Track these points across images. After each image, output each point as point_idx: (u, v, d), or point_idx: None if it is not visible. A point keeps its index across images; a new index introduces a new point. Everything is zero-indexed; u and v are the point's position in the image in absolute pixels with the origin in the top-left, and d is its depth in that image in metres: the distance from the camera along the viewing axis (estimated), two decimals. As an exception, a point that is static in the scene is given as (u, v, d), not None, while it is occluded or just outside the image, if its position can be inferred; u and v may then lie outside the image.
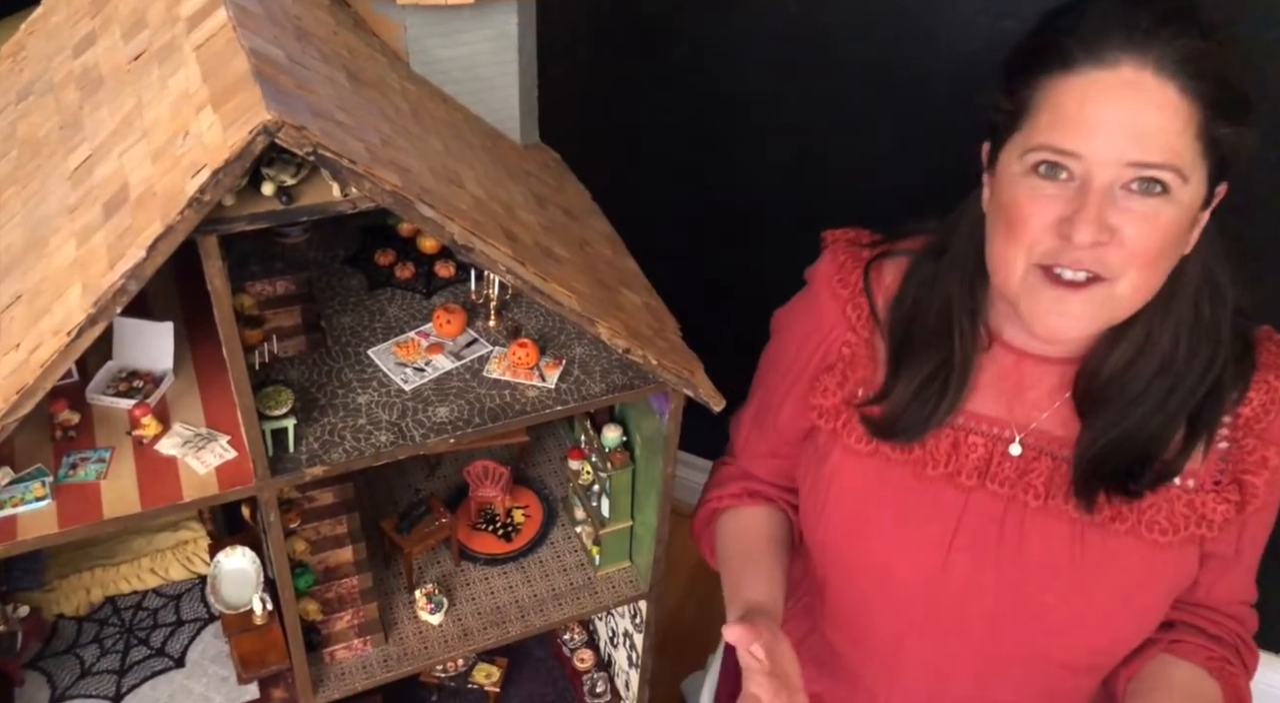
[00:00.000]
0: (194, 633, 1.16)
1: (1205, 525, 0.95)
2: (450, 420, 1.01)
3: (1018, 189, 0.87)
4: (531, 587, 1.26)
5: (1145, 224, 0.83)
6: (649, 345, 1.01)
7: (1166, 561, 0.97)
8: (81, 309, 0.75)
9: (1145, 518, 0.95)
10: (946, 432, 1.00)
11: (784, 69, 1.50)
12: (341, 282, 1.17)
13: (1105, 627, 0.99)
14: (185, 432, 0.97)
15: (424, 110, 1.03)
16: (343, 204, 0.80)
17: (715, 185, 1.66)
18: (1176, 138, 0.82)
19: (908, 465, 1.01)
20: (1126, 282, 0.86)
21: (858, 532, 1.04)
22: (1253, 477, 0.94)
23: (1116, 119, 0.81)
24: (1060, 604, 0.98)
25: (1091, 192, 0.83)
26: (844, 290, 1.05)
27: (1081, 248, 0.84)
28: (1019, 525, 0.98)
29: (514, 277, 0.90)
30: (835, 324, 1.06)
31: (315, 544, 1.16)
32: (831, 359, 1.06)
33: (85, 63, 0.95)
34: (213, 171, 0.72)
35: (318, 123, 0.76)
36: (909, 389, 0.99)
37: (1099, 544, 0.96)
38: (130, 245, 0.75)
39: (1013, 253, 0.88)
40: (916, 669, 1.08)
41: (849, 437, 1.03)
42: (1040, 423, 0.99)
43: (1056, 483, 0.97)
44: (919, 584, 1.02)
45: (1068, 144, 0.83)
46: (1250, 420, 0.94)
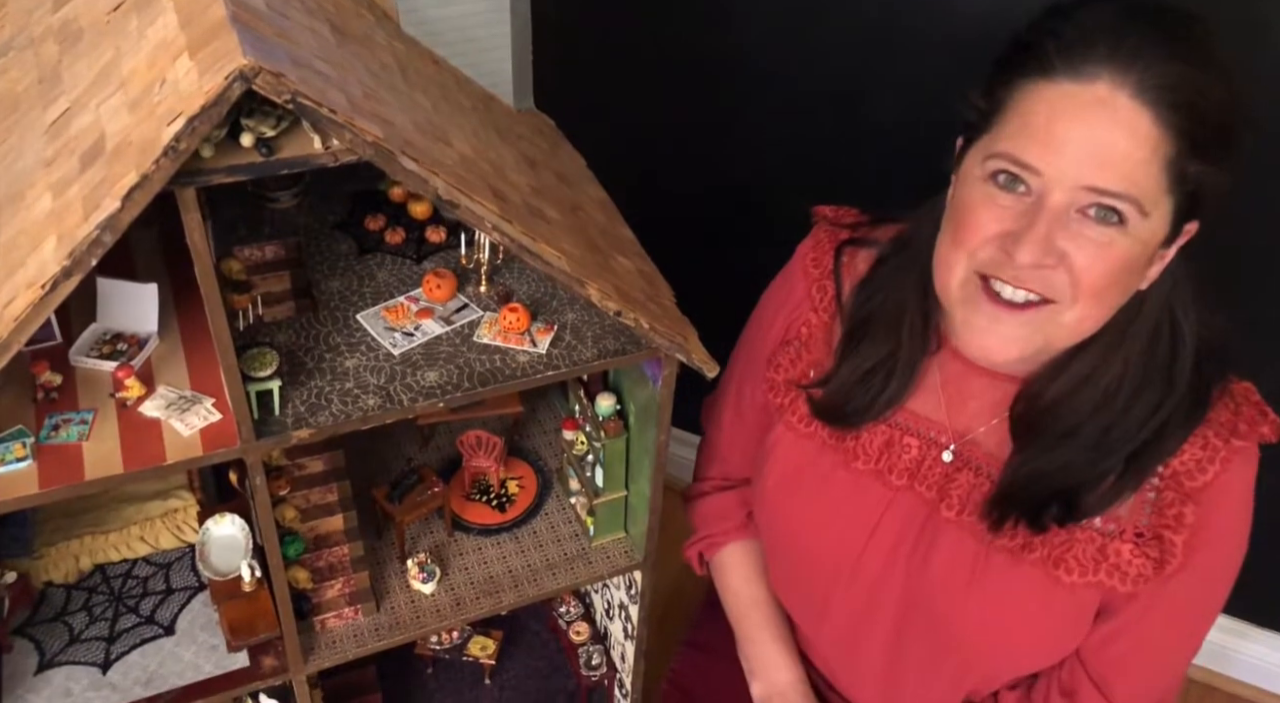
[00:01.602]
0: (184, 601, 1.16)
1: (1117, 576, 0.90)
2: (439, 385, 1.00)
3: (973, 194, 0.83)
4: (525, 557, 1.24)
5: (1096, 252, 0.79)
6: (641, 309, 0.99)
7: (1066, 601, 0.92)
8: (56, 261, 0.74)
9: (1055, 553, 0.91)
10: (882, 428, 0.98)
11: (783, 37, 1.48)
12: (331, 247, 1.16)
13: (995, 648, 0.97)
14: (169, 394, 0.95)
15: (412, 69, 1.01)
16: (324, 156, 0.78)
17: (712, 156, 1.64)
18: (1141, 167, 0.76)
19: (838, 453, 1.00)
20: (1072, 311, 0.81)
21: (785, 507, 1.05)
22: (1171, 533, 0.88)
23: (1081, 139, 0.76)
24: (956, 620, 0.96)
25: (1044, 211, 0.78)
26: (815, 270, 1.04)
27: (1025, 268, 0.80)
28: (933, 534, 0.97)
29: (501, 234, 0.88)
30: (801, 302, 1.05)
31: (305, 512, 1.15)
32: (791, 335, 1.06)
33: (64, 16, 0.93)
34: (188, 119, 0.70)
35: (297, 71, 0.75)
36: (853, 376, 0.98)
37: (1001, 568, 0.93)
38: (105, 196, 0.73)
39: (955, 257, 0.85)
40: (833, 634, 1.09)
41: (792, 415, 1.03)
42: (976, 435, 0.96)
43: (974, 500, 0.94)
44: (837, 566, 1.02)
45: (1028, 157, 0.78)
46: (1179, 474, 0.88)
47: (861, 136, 1.49)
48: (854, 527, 1.00)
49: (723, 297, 1.60)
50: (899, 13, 1.38)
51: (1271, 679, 1.79)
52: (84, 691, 1.07)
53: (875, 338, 0.98)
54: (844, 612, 1.05)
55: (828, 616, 1.07)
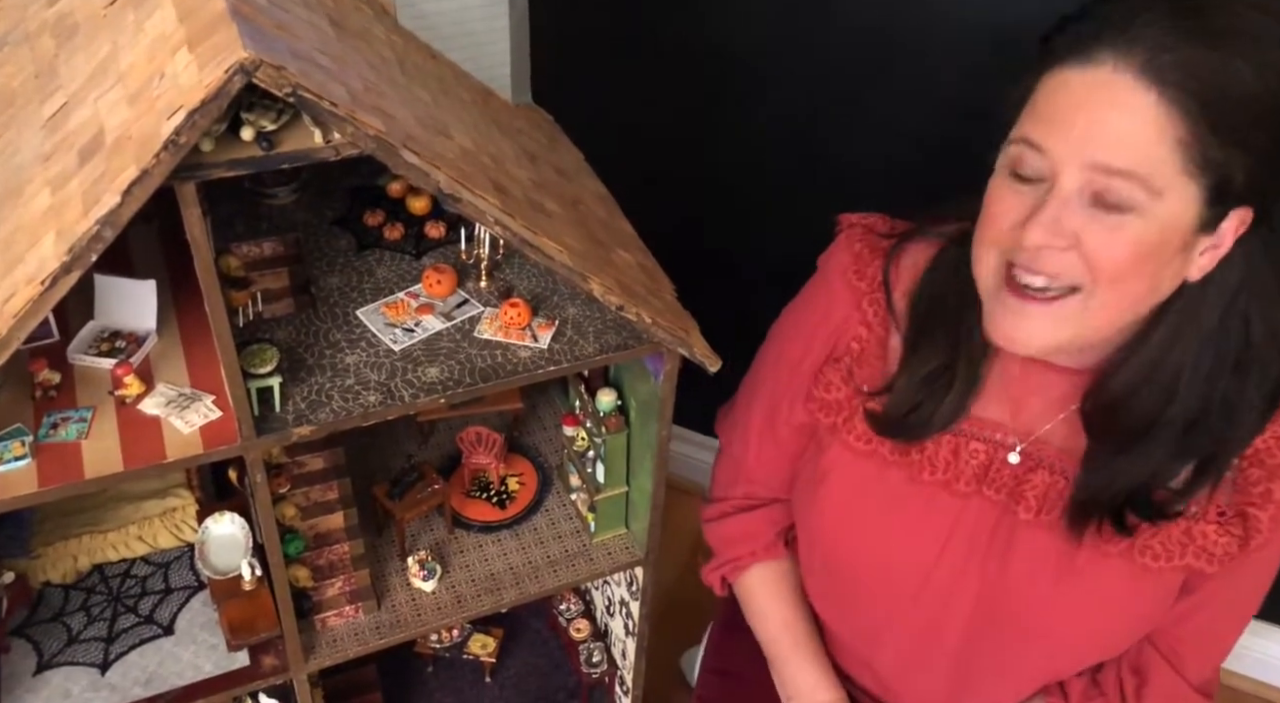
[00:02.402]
0: (183, 601, 1.15)
1: (1204, 557, 0.90)
2: (440, 381, 0.99)
3: (995, 184, 0.84)
4: (526, 554, 1.24)
5: (1108, 235, 0.78)
6: (643, 304, 0.99)
7: (1153, 586, 0.93)
8: (56, 257, 0.73)
9: (1139, 542, 0.91)
10: (948, 437, 0.96)
11: (782, 33, 1.47)
12: (330, 243, 1.15)
13: (1079, 646, 0.97)
14: (169, 391, 0.95)
15: (411, 62, 1.01)
16: (325, 150, 0.78)
17: (711, 151, 1.64)
18: (1150, 147, 0.75)
19: (904, 468, 0.97)
20: (1096, 298, 0.81)
21: (849, 528, 1.02)
22: (1257, 510, 0.89)
23: (1087, 118, 0.77)
24: (1038, 622, 0.95)
25: (1054, 193, 0.79)
26: (861, 282, 1.00)
27: (1033, 249, 0.80)
28: (1009, 536, 0.95)
29: (503, 228, 0.87)
30: (849, 317, 1.00)
31: (305, 510, 1.14)
32: (839, 352, 1.01)
33: (60, 10, 0.92)
34: (188, 113, 0.70)
35: (297, 64, 0.74)
36: (914, 382, 0.95)
37: (1087, 564, 0.93)
38: (105, 191, 0.72)
39: (984, 249, 0.85)
40: (894, 656, 1.07)
41: (849, 434, 0.99)
42: (1042, 434, 0.94)
43: (1051, 499, 0.93)
44: (905, 581, 1.00)
45: (1036, 136, 0.79)
46: (1261, 452, 0.89)
47: (858, 127, 1.48)
48: (926, 541, 0.97)
49: (723, 291, 1.60)
50: (898, 10, 1.38)
51: (1272, 673, 1.80)
52: (83, 692, 1.06)
53: (934, 343, 0.95)
54: (908, 629, 1.02)
55: (889, 635, 1.04)
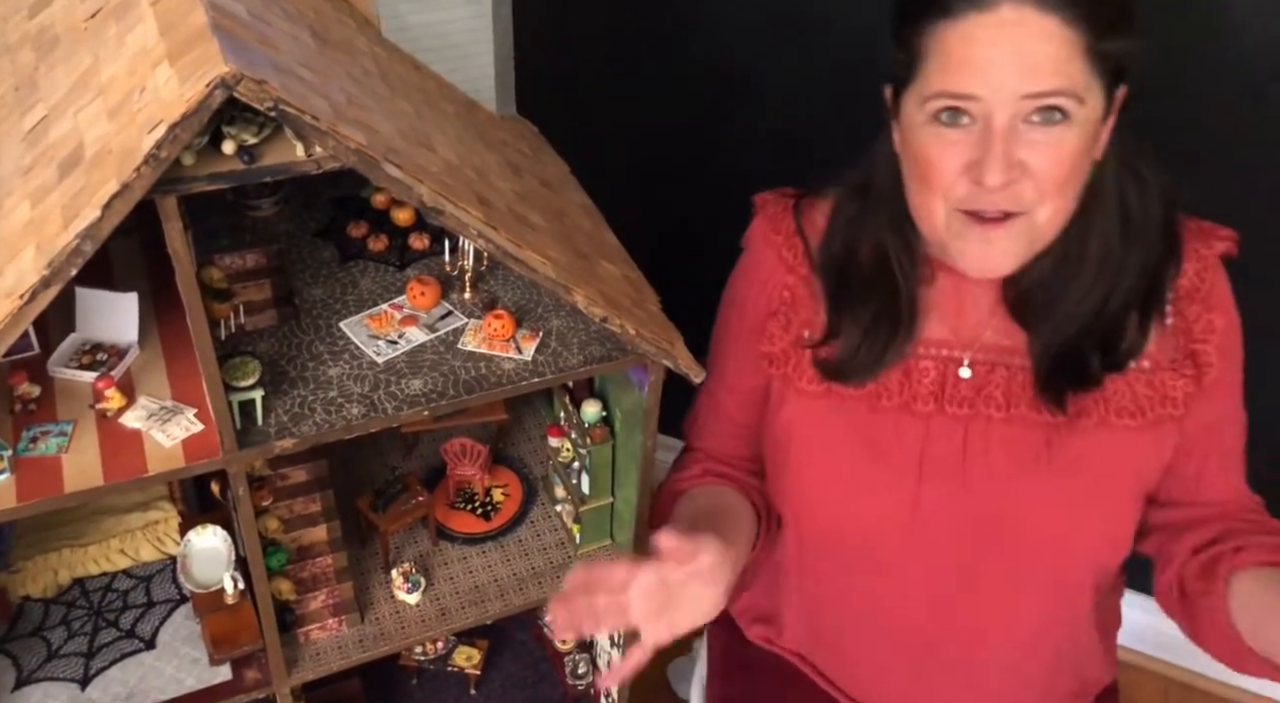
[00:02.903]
0: (165, 614, 1.14)
1: (1170, 404, 0.96)
2: (424, 393, 0.99)
3: (923, 138, 0.88)
4: (511, 566, 1.23)
5: (1051, 152, 0.84)
6: (627, 315, 0.99)
7: (1137, 447, 0.97)
8: (35, 271, 0.73)
9: (1112, 406, 0.96)
10: (896, 361, 1.00)
11: (769, 43, 1.48)
12: (313, 254, 1.15)
13: (1083, 527, 0.99)
14: (150, 405, 0.94)
15: (394, 75, 1.01)
16: (307, 164, 0.78)
17: (698, 161, 1.64)
18: (1067, 64, 0.82)
19: (862, 400, 1.01)
20: (1043, 211, 0.87)
21: (824, 475, 1.04)
22: (1202, 344, 0.96)
23: (1005, 57, 0.82)
24: (1036, 512, 0.98)
25: (994, 132, 0.83)
26: (777, 236, 1.06)
27: (996, 189, 0.84)
28: (983, 442, 0.98)
29: (486, 241, 0.87)
30: (774, 271, 1.06)
31: (288, 523, 1.14)
32: (775, 305, 1.06)
33: (41, 23, 0.92)
34: (169, 127, 0.69)
35: (279, 78, 0.74)
36: (857, 330, 0.99)
37: (1069, 443, 0.97)
38: (85, 205, 0.72)
39: (932, 201, 0.89)
40: (901, 619, 1.07)
41: (800, 379, 1.03)
42: (985, 338, 0.99)
43: (1015, 392, 0.98)
44: (893, 516, 1.01)
45: (962, 87, 0.84)
46: (1190, 291, 0.97)
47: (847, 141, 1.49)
48: (900, 464, 1.00)
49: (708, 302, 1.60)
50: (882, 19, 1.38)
51: (1248, 679, 1.81)
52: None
53: (866, 287, 0.99)
54: (910, 553, 1.02)
55: (894, 563, 1.04)
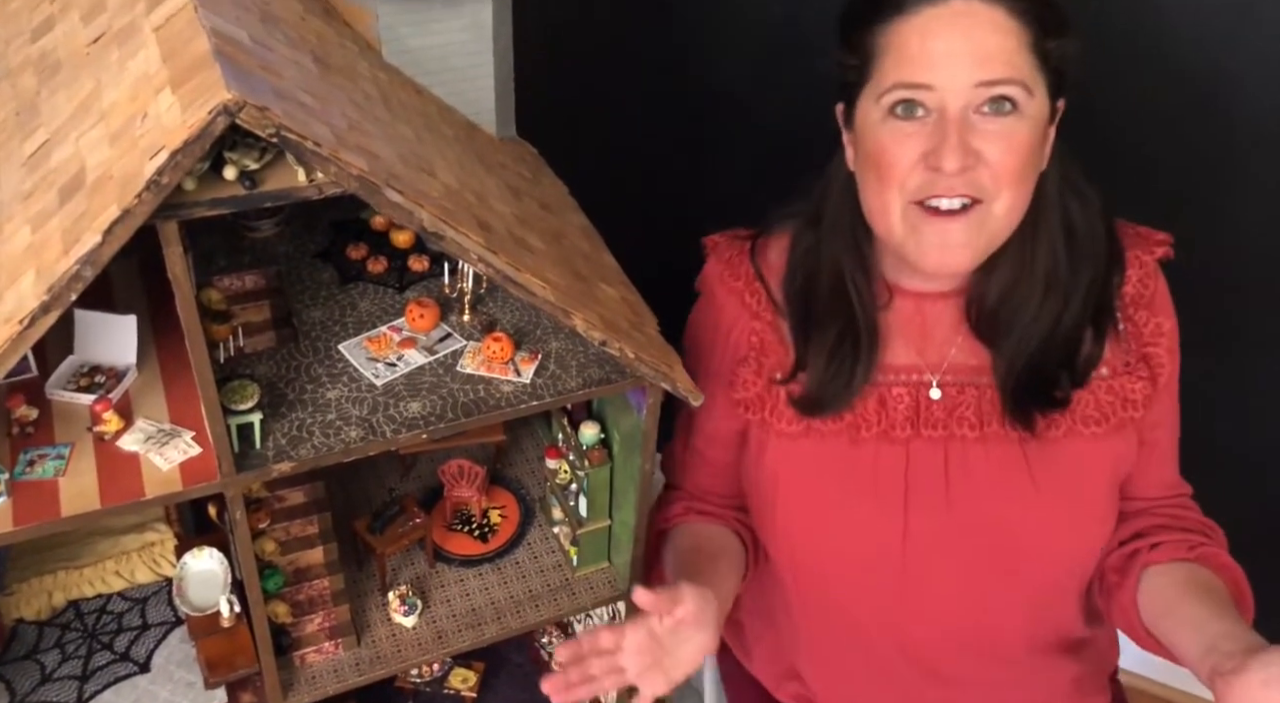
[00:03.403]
0: (160, 637, 1.13)
1: (1131, 406, 0.99)
2: (422, 416, 0.99)
3: (880, 134, 0.90)
4: (508, 588, 1.23)
5: (1004, 142, 0.87)
6: (626, 338, 0.99)
7: (1106, 450, 1.00)
8: (35, 296, 0.73)
9: (1078, 415, 0.98)
10: (869, 390, 1.01)
11: (765, 67, 1.49)
12: (312, 276, 1.15)
13: (1071, 530, 1.01)
14: (148, 427, 0.94)
15: (395, 99, 1.01)
16: (308, 189, 0.78)
17: (695, 184, 1.65)
18: (1015, 54, 0.86)
19: (842, 434, 1.02)
20: (999, 203, 0.89)
21: (813, 518, 1.04)
22: (1153, 347, 0.99)
23: (958, 46, 0.86)
24: (1023, 522, 0.99)
25: (949, 120, 0.86)
26: (736, 282, 1.07)
27: (952, 175, 0.87)
28: (962, 461, 1.00)
29: (486, 266, 0.87)
30: (737, 317, 1.07)
31: (285, 545, 1.13)
32: (743, 351, 1.06)
33: (43, 47, 0.92)
34: (171, 153, 0.70)
35: (281, 104, 0.74)
36: (821, 359, 1.01)
37: (1044, 454, 0.99)
38: (86, 230, 0.72)
39: (888, 196, 0.91)
40: (904, 641, 1.07)
41: (779, 421, 1.04)
42: (951, 358, 1.01)
43: (986, 410, 1.00)
44: (886, 546, 1.02)
45: (918, 77, 0.87)
46: (1135, 297, 1.00)
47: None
48: (886, 494, 1.01)
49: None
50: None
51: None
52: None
53: (827, 314, 1.01)
54: (907, 579, 1.03)
55: (892, 592, 1.04)
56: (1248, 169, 1.30)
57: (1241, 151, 1.29)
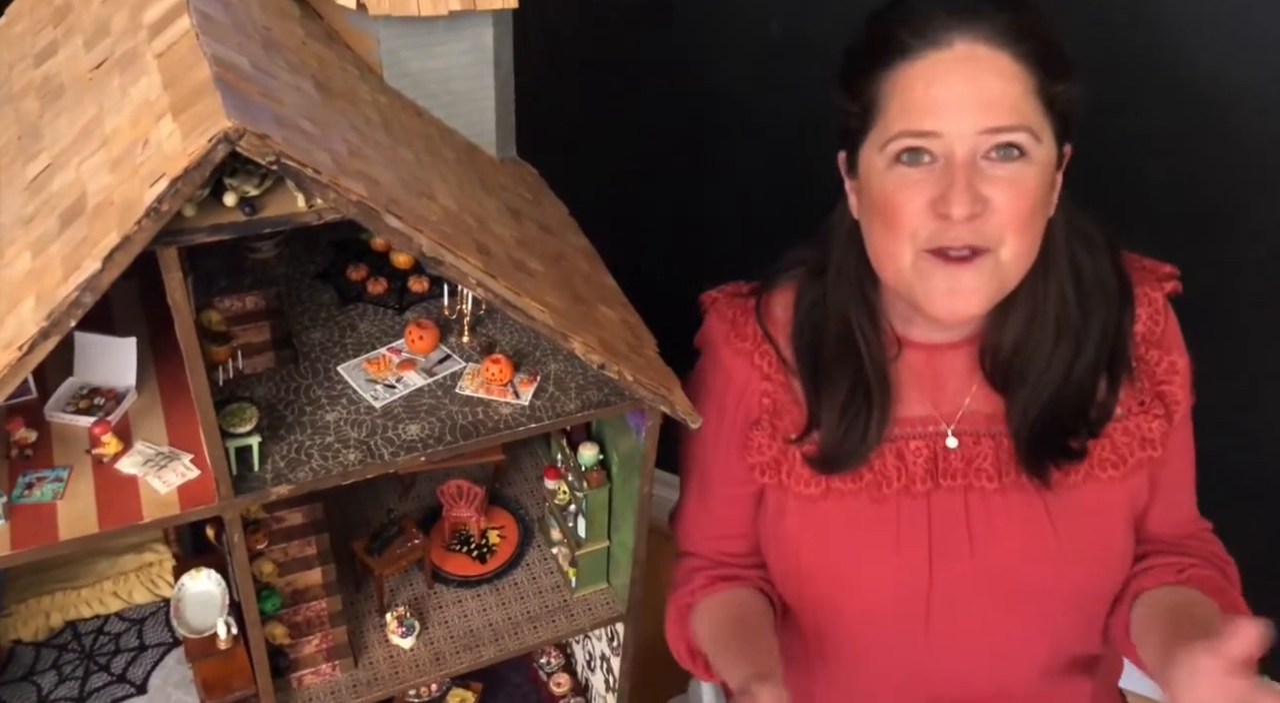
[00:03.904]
0: (157, 658, 1.13)
1: (1149, 446, 0.98)
2: (421, 438, 0.99)
3: (885, 182, 0.89)
4: (506, 609, 1.23)
5: (1012, 188, 0.86)
6: (625, 361, 0.99)
7: (1123, 494, 0.99)
8: (34, 322, 0.73)
9: (1096, 459, 0.97)
10: (887, 446, 0.99)
11: (765, 87, 1.50)
12: (312, 297, 1.15)
13: (1091, 572, 1.00)
14: (147, 450, 0.94)
15: (396, 122, 1.02)
16: (308, 215, 0.78)
17: (696, 203, 1.65)
18: (1021, 100, 0.85)
19: (862, 492, 0.99)
20: (1007, 249, 0.87)
21: (837, 575, 1.02)
22: (1167, 385, 0.98)
23: (963, 93, 0.85)
24: (1046, 568, 0.98)
25: (956, 166, 0.85)
26: (743, 342, 1.04)
27: (960, 221, 0.85)
28: (984, 510, 0.99)
29: (485, 290, 0.88)
30: (748, 379, 1.03)
31: (283, 566, 1.13)
32: (755, 414, 1.04)
33: (46, 72, 0.93)
34: (171, 181, 0.70)
35: (281, 132, 0.75)
36: (835, 414, 0.98)
37: (1062, 501, 0.98)
38: (86, 257, 0.73)
39: (896, 245, 0.89)
40: (921, 688, 1.05)
41: (796, 484, 1.01)
42: (966, 408, 1.00)
43: (1004, 460, 0.98)
44: (913, 602, 1.00)
45: (924, 125, 0.85)
46: (1146, 336, 0.98)
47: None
48: (911, 550, 0.99)
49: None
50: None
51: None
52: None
53: (837, 367, 0.99)
54: (934, 633, 1.01)
55: (919, 647, 1.03)
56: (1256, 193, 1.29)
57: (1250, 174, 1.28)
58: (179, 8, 0.83)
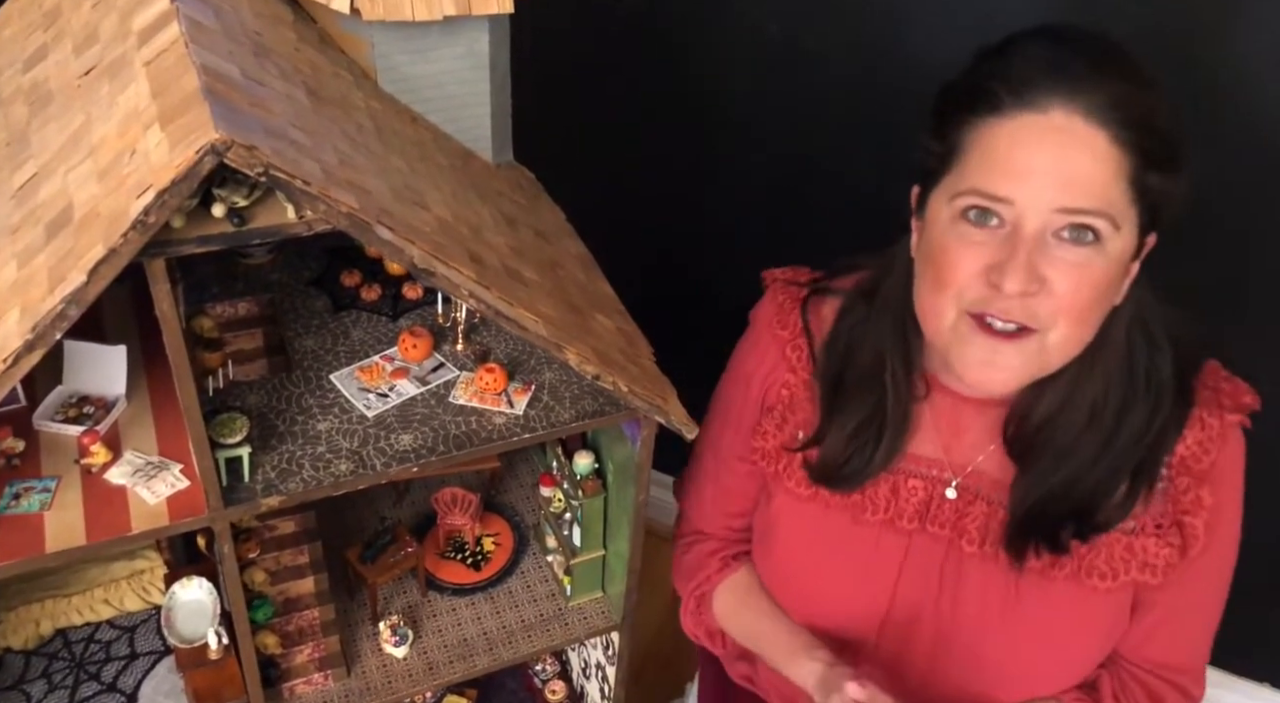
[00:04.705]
0: (148, 667, 1.12)
1: (1147, 571, 0.92)
2: (413, 449, 0.98)
3: (946, 236, 0.84)
4: (500, 618, 1.22)
5: (1076, 274, 0.80)
6: (620, 372, 0.98)
7: (1103, 607, 0.94)
8: (19, 334, 0.72)
9: (1085, 564, 0.92)
10: (885, 476, 0.98)
11: (764, 91, 1.48)
12: (305, 303, 1.14)
13: (1040, 675, 0.97)
14: (136, 460, 0.93)
15: (389, 129, 1.00)
16: (298, 226, 0.77)
17: (694, 207, 1.64)
18: (1109, 185, 0.79)
19: (847, 511, 0.99)
20: (1056, 333, 0.83)
21: (804, 572, 1.03)
22: (1191, 518, 0.91)
23: (1047, 165, 0.79)
24: (994, 652, 0.96)
25: (1022, 239, 0.80)
26: (784, 331, 1.03)
27: (1010, 297, 0.81)
28: (956, 570, 0.97)
29: (478, 301, 0.87)
30: (775, 366, 1.04)
31: (275, 575, 1.13)
32: (771, 401, 1.04)
33: (35, 77, 0.92)
34: (158, 193, 0.69)
35: (270, 142, 0.74)
36: (842, 435, 0.97)
37: (1035, 592, 0.94)
38: (72, 269, 0.72)
39: (942, 302, 0.85)
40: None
41: (789, 480, 1.01)
42: (977, 465, 0.97)
43: (992, 529, 0.95)
44: (865, 623, 1.00)
45: (999, 190, 0.80)
46: (1186, 460, 0.91)
47: (843, 191, 1.49)
48: (876, 578, 0.99)
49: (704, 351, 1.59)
50: (876, 67, 1.39)
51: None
52: (42, 763, 1.04)
53: (858, 393, 0.97)
54: (874, 660, 1.02)
55: (858, 666, 1.02)
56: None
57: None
58: (168, 14, 0.82)
